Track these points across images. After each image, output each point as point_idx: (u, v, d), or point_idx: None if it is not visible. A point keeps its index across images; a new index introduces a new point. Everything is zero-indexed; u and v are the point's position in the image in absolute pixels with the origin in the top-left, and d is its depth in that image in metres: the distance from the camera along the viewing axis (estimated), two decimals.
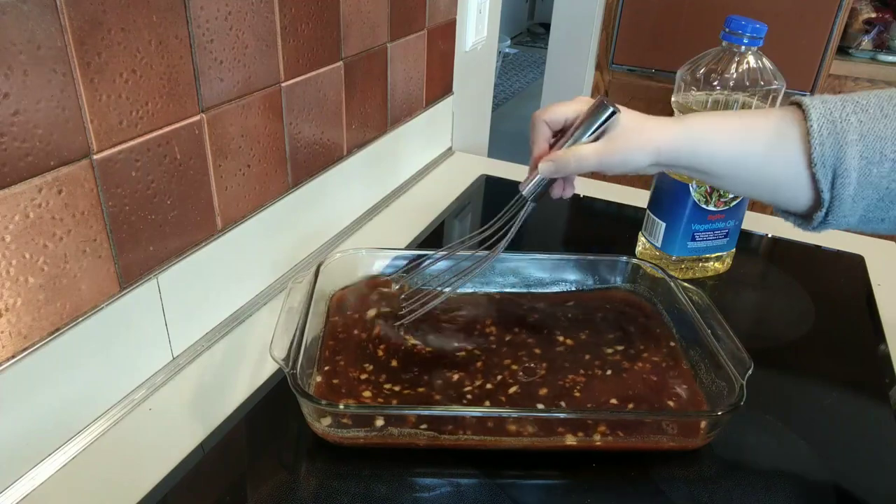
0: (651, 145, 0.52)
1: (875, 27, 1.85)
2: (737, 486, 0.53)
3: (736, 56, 0.71)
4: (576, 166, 0.54)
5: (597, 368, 0.60)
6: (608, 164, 0.53)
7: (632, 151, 0.53)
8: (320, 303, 0.64)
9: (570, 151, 0.54)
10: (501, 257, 0.71)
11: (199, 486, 0.52)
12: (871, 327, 0.74)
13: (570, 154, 0.54)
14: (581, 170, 0.54)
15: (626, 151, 0.53)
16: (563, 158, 0.54)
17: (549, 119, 0.56)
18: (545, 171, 0.56)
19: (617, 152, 0.53)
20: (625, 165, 0.53)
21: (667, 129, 0.53)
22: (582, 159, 0.53)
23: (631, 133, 0.53)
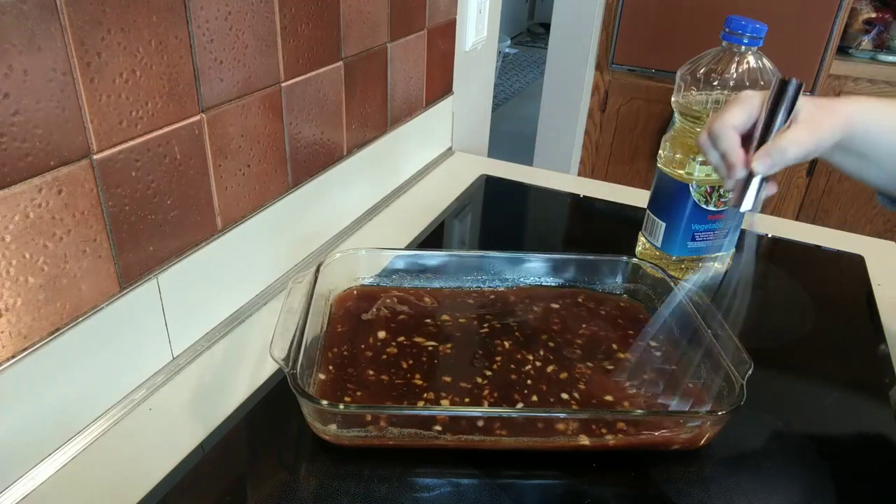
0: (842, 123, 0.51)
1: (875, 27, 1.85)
2: (737, 486, 0.53)
3: (736, 56, 0.71)
4: (794, 152, 0.50)
5: (597, 368, 0.60)
6: (821, 143, 0.51)
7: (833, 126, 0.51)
8: (320, 303, 0.64)
9: (783, 139, 0.51)
10: (503, 257, 0.72)
11: (199, 486, 0.52)
12: (871, 327, 0.74)
13: (785, 142, 0.51)
14: (799, 156, 0.51)
15: (829, 127, 0.51)
16: (779, 148, 0.50)
17: (737, 122, 0.53)
18: (764, 168, 0.51)
19: (824, 129, 0.51)
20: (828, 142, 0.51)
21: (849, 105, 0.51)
22: (798, 143, 0.50)
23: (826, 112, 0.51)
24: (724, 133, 0.53)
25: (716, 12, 1.81)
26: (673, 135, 0.77)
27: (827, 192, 1.94)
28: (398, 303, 0.68)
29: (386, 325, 0.64)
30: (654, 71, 1.98)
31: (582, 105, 2.12)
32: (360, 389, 0.57)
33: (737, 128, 0.53)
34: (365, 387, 0.57)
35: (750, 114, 0.53)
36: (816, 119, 0.51)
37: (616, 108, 2.08)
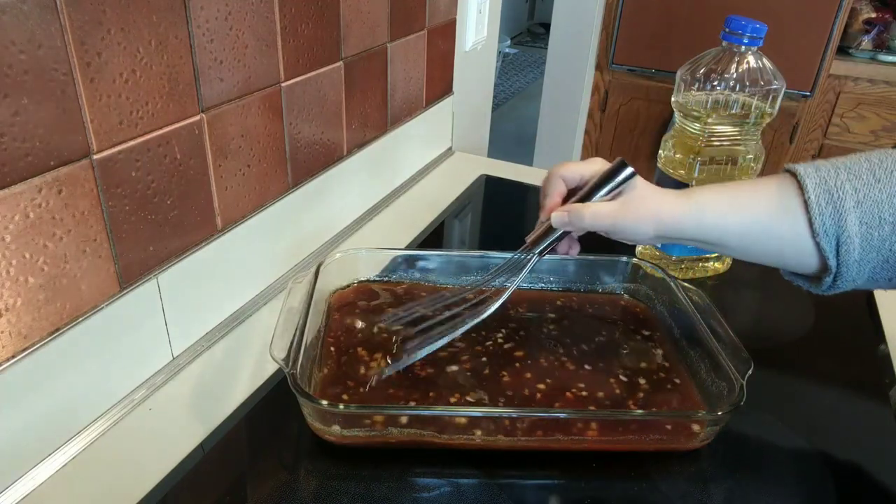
0: (654, 219, 0.53)
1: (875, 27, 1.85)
2: (737, 486, 0.53)
3: (736, 56, 0.71)
4: (590, 221, 0.53)
5: (597, 369, 0.60)
6: (620, 227, 0.53)
7: (637, 222, 0.53)
8: (320, 303, 0.64)
9: (587, 206, 0.54)
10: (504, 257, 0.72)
11: (199, 486, 0.52)
12: (871, 327, 0.74)
13: (587, 208, 0.54)
14: (594, 226, 0.54)
15: (636, 218, 0.53)
16: (579, 211, 0.54)
17: (566, 175, 0.56)
18: (558, 222, 0.55)
19: (629, 217, 0.53)
20: (633, 232, 0.54)
21: (671, 201, 0.53)
22: (597, 216, 0.53)
23: (641, 200, 0.53)
24: (552, 178, 0.57)
25: (716, 12, 1.81)
26: (673, 135, 0.77)
27: None
28: (398, 302, 0.68)
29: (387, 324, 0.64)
30: (654, 71, 1.98)
31: (582, 105, 2.12)
32: (360, 389, 0.56)
33: (565, 178, 0.56)
34: (365, 386, 0.57)
35: (583, 174, 0.56)
36: (634, 205, 0.53)
37: (616, 108, 2.08)
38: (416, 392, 0.56)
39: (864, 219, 0.48)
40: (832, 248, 0.49)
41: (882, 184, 0.48)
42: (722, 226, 0.52)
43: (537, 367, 0.60)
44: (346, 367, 0.59)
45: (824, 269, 0.51)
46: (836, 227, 0.49)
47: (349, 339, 0.62)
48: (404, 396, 0.56)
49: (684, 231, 0.53)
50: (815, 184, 0.49)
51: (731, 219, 0.52)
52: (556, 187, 0.56)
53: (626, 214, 0.53)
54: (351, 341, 0.62)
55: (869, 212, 0.48)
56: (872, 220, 0.48)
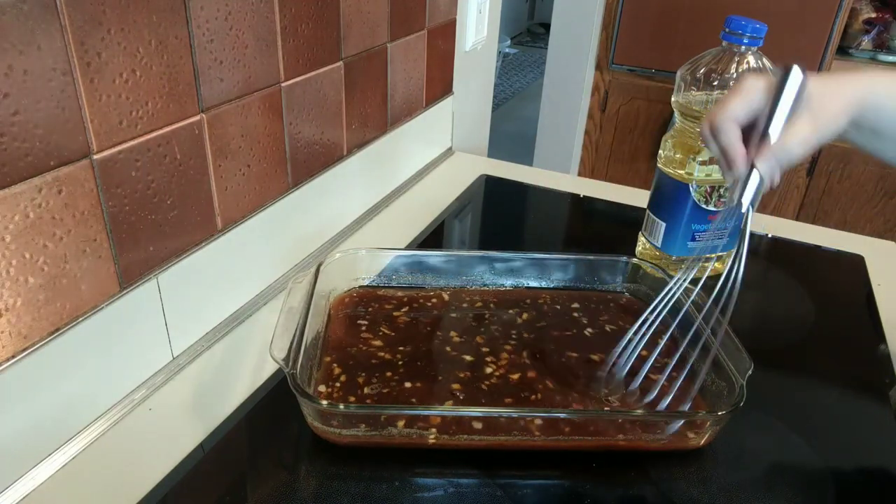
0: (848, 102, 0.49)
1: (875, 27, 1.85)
2: (737, 486, 0.53)
3: (736, 56, 0.71)
4: (799, 150, 0.48)
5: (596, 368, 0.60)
6: (825, 137, 0.49)
7: (838, 115, 0.49)
8: (320, 303, 0.64)
9: (787, 138, 0.48)
10: (503, 257, 0.72)
11: (199, 486, 0.52)
12: (871, 327, 0.74)
13: (790, 140, 0.48)
14: (803, 154, 0.49)
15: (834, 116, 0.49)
16: (785, 149, 0.48)
17: (739, 115, 0.50)
18: (769, 170, 0.49)
19: (829, 122, 0.48)
20: (835, 132, 0.49)
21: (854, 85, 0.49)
22: (803, 141, 0.48)
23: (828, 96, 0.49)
24: (725, 126, 0.51)
25: (716, 12, 1.81)
26: (673, 135, 0.77)
27: (827, 192, 1.94)
28: (398, 303, 0.68)
29: (386, 325, 0.64)
30: (654, 71, 1.98)
31: (582, 105, 2.12)
32: (360, 389, 0.56)
33: (738, 120, 0.50)
34: (365, 386, 0.57)
35: (752, 105, 0.50)
36: (822, 107, 0.49)
37: (616, 108, 2.08)
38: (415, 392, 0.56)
39: None
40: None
41: None
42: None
43: (537, 367, 0.60)
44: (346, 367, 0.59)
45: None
46: None
47: (350, 338, 0.62)
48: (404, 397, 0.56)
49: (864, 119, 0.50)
50: None
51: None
52: (735, 134, 0.50)
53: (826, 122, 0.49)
54: (352, 340, 0.62)
55: None
56: None
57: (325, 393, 0.56)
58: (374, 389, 0.57)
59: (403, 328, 0.64)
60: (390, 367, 0.59)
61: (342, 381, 0.57)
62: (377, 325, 0.64)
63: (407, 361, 0.60)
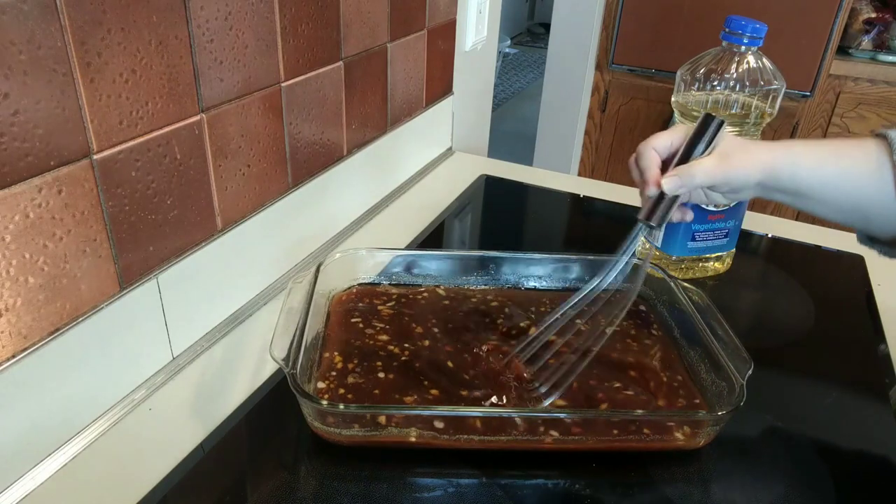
0: (760, 164, 0.55)
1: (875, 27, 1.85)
2: (737, 486, 0.53)
3: (736, 56, 0.71)
4: (702, 178, 0.55)
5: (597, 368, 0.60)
6: (727, 178, 0.55)
7: (745, 168, 0.55)
8: (320, 303, 0.64)
9: (693, 165, 0.55)
10: (503, 258, 0.72)
11: (199, 486, 0.52)
12: (871, 327, 0.74)
13: (695, 167, 0.55)
14: (706, 182, 0.55)
15: (740, 167, 0.55)
16: (688, 171, 0.55)
17: (658, 146, 0.58)
18: (671, 187, 0.56)
19: (734, 167, 0.55)
20: (741, 178, 0.56)
21: (770, 149, 0.56)
22: (707, 171, 0.55)
23: (742, 151, 0.55)
24: (645, 153, 0.58)
25: (716, 12, 1.81)
26: None
27: None
28: (398, 303, 0.68)
29: (386, 325, 0.64)
30: (654, 71, 1.98)
31: (582, 105, 2.12)
32: (360, 389, 0.56)
33: (657, 150, 0.58)
34: (365, 386, 0.57)
35: (672, 141, 0.58)
36: (731, 155, 0.55)
37: (616, 108, 2.08)
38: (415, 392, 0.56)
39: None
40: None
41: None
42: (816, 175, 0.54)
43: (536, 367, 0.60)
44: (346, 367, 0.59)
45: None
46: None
47: (350, 338, 0.62)
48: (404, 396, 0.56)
49: (780, 179, 0.55)
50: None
51: (825, 168, 0.55)
52: (653, 159, 0.58)
53: (733, 164, 0.55)
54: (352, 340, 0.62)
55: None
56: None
57: (324, 388, 0.56)
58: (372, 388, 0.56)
59: (403, 328, 0.64)
60: (390, 366, 0.59)
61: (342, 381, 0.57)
62: (377, 325, 0.64)
63: (406, 361, 0.60)
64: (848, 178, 0.54)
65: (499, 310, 0.68)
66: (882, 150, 0.54)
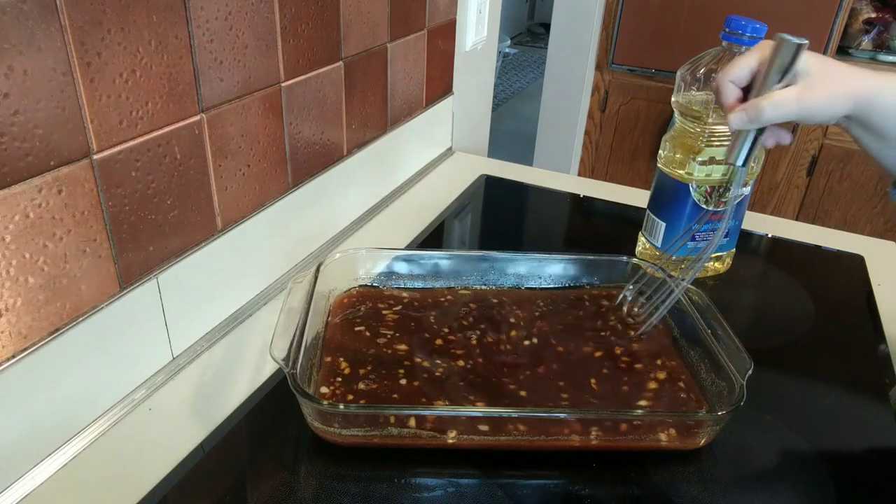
0: (854, 92, 0.50)
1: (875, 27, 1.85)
2: (737, 486, 0.53)
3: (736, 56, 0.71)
4: (772, 113, 0.51)
5: (597, 368, 0.60)
6: (809, 110, 0.50)
7: (834, 97, 0.50)
8: (320, 303, 0.64)
9: (764, 98, 0.51)
10: (503, 258, 0.72)
11: (199, 486, 0.52)
12: (871, 327, 0.74)
13: (765, 101, 0.51)
14: (779, 117, 0.51)
15: (828, 97, 0.50)
16: (756, 106, 0.51)
17: (735, 75, 0.53)
18: (737, 123, 0.52)
19: (818, 97, 0.50)
20: (824, 112, 0.51)
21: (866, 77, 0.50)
22: (779, 105, 0.50)
23: (831, 78, 0.50)
24: (721, 87, 0.54)
25: (716, 12, 1.81)
26: (673, 135, 0.77)
27: (827, 192, 1.94)
28: (398, 303, 0.68)
29: (386, 325, 0.64)
30: (654, 71, 1.98)
31: (582, 105, 2.12)
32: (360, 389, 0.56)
33: (735, 82, 0.54)
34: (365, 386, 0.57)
35: (751, 67, 0.53)
36: (814, 85, 0.50)
37: (616, 108, 2.08)
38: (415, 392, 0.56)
39: None
40: None
41: None
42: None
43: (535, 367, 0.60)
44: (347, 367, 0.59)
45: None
46: None
47: (350, 338, 0.62)
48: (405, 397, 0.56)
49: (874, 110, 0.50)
50: None
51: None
52: (731, 93, 0.54)
53: (815, 94, 0.50)
54: (352, 341, 0.62)
55: None
56: None
57: (325, 393, 0.56)
58: (372, 388, 0.56)
59: (403, 328, 0.64)
60: (390, 366, 0.59)
61: (342, 381, 0.57)
62: (377, 325, 0.64)
63: (406, 361, 0.60)
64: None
65: (499, 310, 0.68)
66: None
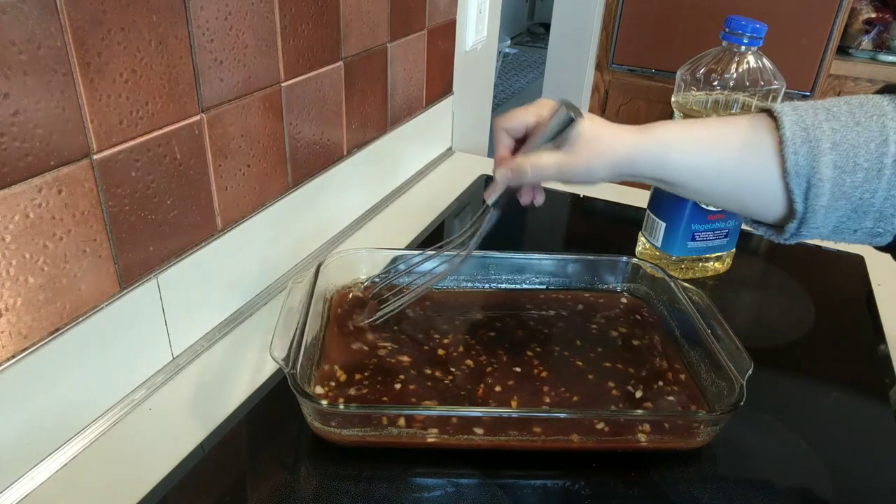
0: (608, 156, 0.50)
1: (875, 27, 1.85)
2: (737, 486, 0.53)
3: (736, 56, 0.71)
4: (533, 175, 0.52)
5: (597, 369, 0.60)
6: (568, 174, 0.51)
7: (591, 161, 0.51)
8: (320, 303, 0.64)
9: (528, 159, 0.52)
10: (504, 257, 0.72)
11: (199, 486, 0.52)
12: (871, 327, 0.74)
13: (528, 162, 0.52)
14: (539, 178, 0.53)
15: (586, 162, 0.51)
16: (520, 166, 0.52)
17: (509, 126, 0.55)
18: (501, 179, 0.54)
19: (577, 163, 0.51)
20: (586, 176, 0.51)
21: (626, 138, 0.50)
22: (540, 168, 0.52)
23: (590, 142, 0.51)
24: (496, 132, 0.56)
25: (716, 12, 1.81)
26: None
27: None
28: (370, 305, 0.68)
29: (385, 325, 0.64)
30: (654, 71, 1.98)
31: (582, 105, 2.12)
32: (359, 389, 0.56)
33: (509, 131, 0.55)
34: (365, 386, 0.57)
35: (527, 123, 0.54)
36: (582, 150, 0.51)
37: (616, 108, 2.08)
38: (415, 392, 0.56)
39: (839, 163, 0.45)
40: (801, 192, 0.47)
41: (861, 127, 0.45)
42: (685, 164, 0.49)
43: (535, 367, 0.60)
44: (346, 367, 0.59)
45: (789, 215, 0.48)
46: (809, 167, 0.46)
47: (349, 338, 0.62)
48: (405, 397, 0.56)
49: (640, 168, 0.50)
50: (791, 121, 0.46)
51: (696, 158, 0.49)
52: (502, 142, 0.55)
53: (574, 161, 0.51)
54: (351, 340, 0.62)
55: (844, 155, 0.45)
56: (847, 164, 0.45)
57: (324, 393, 0.56)
58: (372, 388, 0.57)
59: (403, 328, 0.64)
60: (390, 366, 0.59)
61: (342, 381, 0.57)
62: (377, 325, 0.64)
63: (406, 361, 0.60)
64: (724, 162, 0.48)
65: (499, 310, 0.68)
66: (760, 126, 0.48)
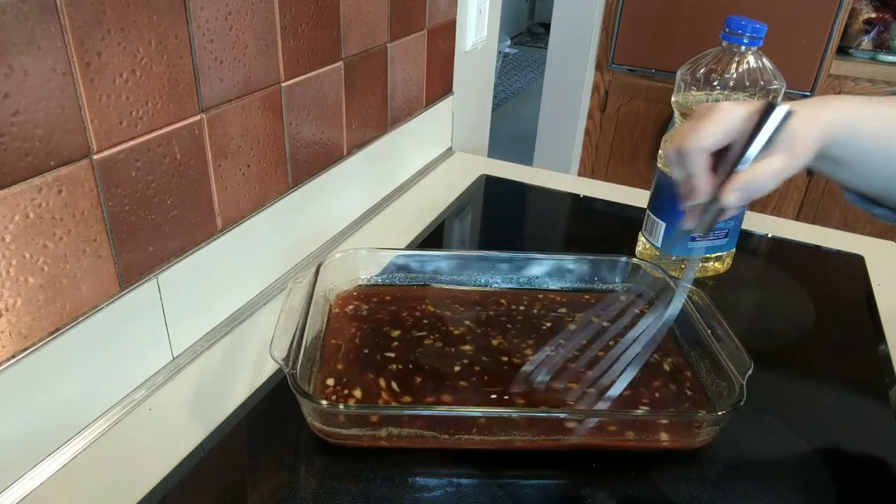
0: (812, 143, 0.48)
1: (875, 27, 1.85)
2: (737, 486, 0.53)
3: (736, 56, 0.71)
4: (771, 185, 0.47)
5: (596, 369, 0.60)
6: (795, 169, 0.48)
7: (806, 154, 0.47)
8: (320, 303, 0.64)
9: (759, 170, 0.46)
10: (503, 258, 0.72)
11: (199, 486, 0.52)
12: (871, 327, 0.74)
13: (761, 174, 0.46)
14: (774, 187, 0.47)
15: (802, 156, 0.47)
16: (755, 181, 0.46)
17: (705, 146, 0.48)
18: (736, 201, 0.47)
19: (797, 160, 0.47)
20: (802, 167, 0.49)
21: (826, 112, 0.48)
22: (776, 175, 0.47)
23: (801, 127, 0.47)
24: (690, 155, 0.49)
25: (716, 12, 1.81)
26: (673, 135, 0.77)
27: (827, 192, 1.94)
28: (398, 303, 0.68)
29: (385, 325, 0.64)
30: (654, 71, 1.98)
31: (582, 105, 2.12)
32: (360, 389, 0.56)
33: (708, 150, 0.48)
34: (365, 386, 0.57)
35: (725, 134, 0.48)
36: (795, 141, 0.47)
37: (616, 108, 2.08)
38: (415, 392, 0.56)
39: None
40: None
41: None
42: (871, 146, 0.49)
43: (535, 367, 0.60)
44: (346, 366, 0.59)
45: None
46: None
47: (349, 338, 0.62)
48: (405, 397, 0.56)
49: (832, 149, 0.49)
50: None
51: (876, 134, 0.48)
52: (701, 164, 0.48)
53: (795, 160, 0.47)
54: (352, 340, 0.62)
55: None
56: None
57: (325, 392, 0.56)
58: (373, 389, 0.57)
59: (403, 328, 0.64)
60: (390, 366, 0.59)
61: (342, 380, 0.57)
62: (377, 325, 0.64)
63: (406, 361, 0.60)
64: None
65: (499, 310, 0.68)
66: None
